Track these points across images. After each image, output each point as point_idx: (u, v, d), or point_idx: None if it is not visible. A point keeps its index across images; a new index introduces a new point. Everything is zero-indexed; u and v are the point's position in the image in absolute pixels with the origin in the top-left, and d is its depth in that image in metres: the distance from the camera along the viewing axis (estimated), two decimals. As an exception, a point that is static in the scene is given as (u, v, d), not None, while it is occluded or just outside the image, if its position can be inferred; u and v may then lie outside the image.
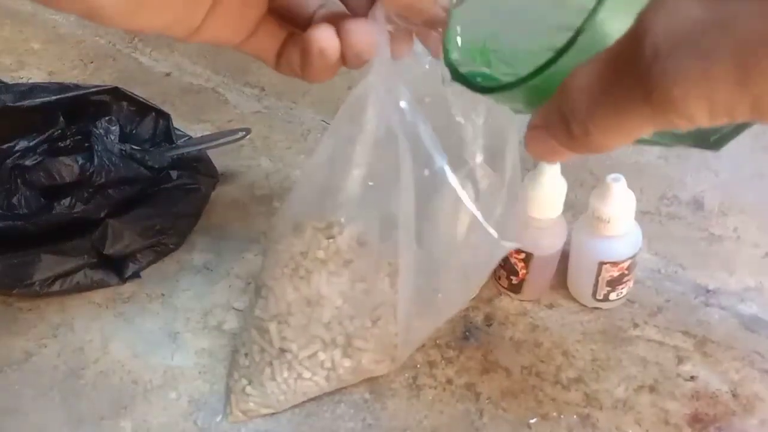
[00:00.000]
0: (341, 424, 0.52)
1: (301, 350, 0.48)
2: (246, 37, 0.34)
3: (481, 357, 0.55)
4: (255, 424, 0.52)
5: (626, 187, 0.51)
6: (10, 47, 0.91)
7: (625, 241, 0.53)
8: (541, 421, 0.51)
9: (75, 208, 0.59)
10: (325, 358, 0.48)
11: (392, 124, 0.39)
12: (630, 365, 0.54)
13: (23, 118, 0.63)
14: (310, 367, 0.49)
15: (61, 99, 0.64)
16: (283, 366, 0.49)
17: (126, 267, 0.62)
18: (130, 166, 0.62)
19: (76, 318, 0.60)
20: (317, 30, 0.32)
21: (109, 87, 0.67)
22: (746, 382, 0.52)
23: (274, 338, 0.48)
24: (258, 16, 0.34)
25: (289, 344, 0.48)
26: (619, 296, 0.57)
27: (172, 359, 0.56)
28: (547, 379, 0.53)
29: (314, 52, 0.32)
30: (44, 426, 0.53)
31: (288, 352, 0.48)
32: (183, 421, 0.52)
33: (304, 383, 0.50)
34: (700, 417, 0.51)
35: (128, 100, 0.68)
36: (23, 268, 0.58)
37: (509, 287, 0.58)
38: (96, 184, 0.60)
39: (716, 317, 0.57)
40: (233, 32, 0.34)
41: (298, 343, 0.48)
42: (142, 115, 0.68)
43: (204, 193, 0.67)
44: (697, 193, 0.60)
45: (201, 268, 0.63)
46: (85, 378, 0.55)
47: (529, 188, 0.52)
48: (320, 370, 0.49)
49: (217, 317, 0.59)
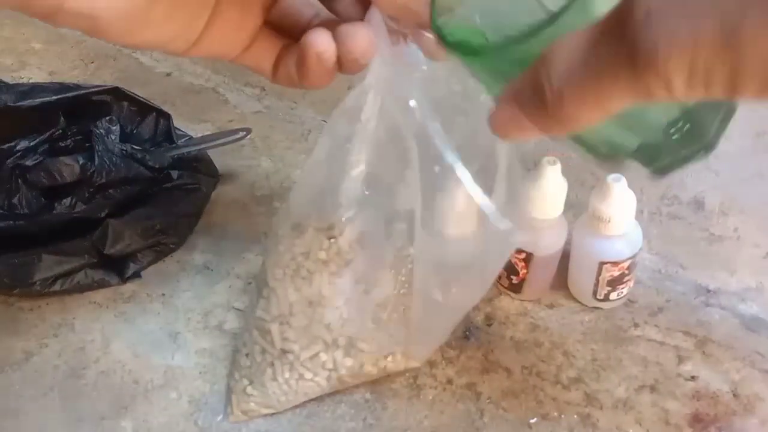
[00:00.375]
0: (342, 424, 0.52)
1: (303, 351, 0.48)
2: (242, 50, 0.35)
3: (481, 357, 0.55)
4: (256, 424, 0.52)
5: (627, 187, 0.51)
6: (11, 47, 0.91)
7: (625, 240, 0.53)
8: (541, 421, 0.51)
9: (76, 208, 0.60)
10: (327, 359, 0.48)
11: (398, 123, 0.39)
12: (630, 365, 0.54)
13: (24, 118, 0.63)
14: (311, 368, 0.49)
15: (62, 99, 0.64)
16: (285, 367, 0.49)
17: (126, 267, 0.62)
18: (130, 166, 0.62)
19: (76, 318, 0.60)
20: (313, 34, 0.33)
21: (109, 87, 0.67)
22: (747, 382, 0.52)
23: (276, 339, 0.48)
24: (254, 29, 0.34)
25: (291, 345, 0.48)
26: (619, 296, 0.57)
27: (173, 359, 0.56)
28: (548, 379, 0.53)
29: (311, 56, 0.33)
30: (44, 426, 0.53)
31: (290, 353, 0.48)
32: (183, 421, 0.52)
33: (305, 384, 0.50)
34: (700, 417, 0.51)
35: (129, 100, 0.68)
36: (24, 268, 0.58)
37: (510, 287, 0.58)
38: (97, 184, 0.60)
39: (717, 317, 0.57)
40: (230, 45, 0.34)
41: (299, 343, 0.48)
42: (142, 115, 0.68)
43: (204, 193, 0.67)
44: (697, 193, 0.60)
45: (201, 268, 0.63)
46: (85, 378, 0.55)
47: (529, 188, 0.52)
48: (322, 370, 0.49)
49: (217, 317, 0.59)
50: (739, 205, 0.59)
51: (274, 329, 0.48)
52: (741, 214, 0.59)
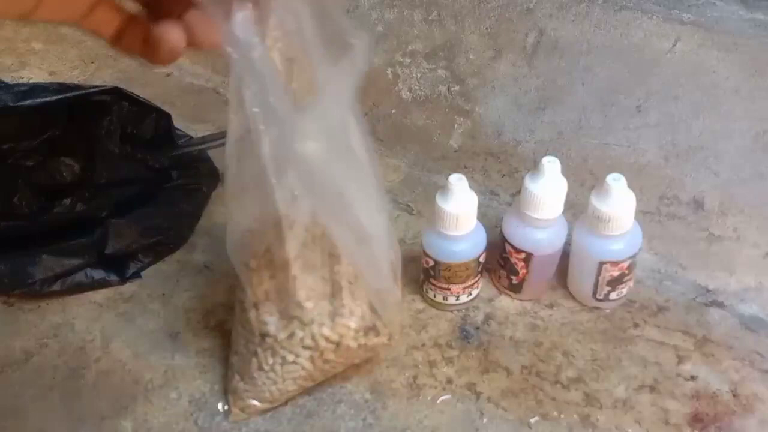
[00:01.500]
0: (342, 423, 0.52)
1: (280, 332, 0.48)
2: (82, 15, 0.35)
3: (481, 357, 0.55)
4: (255, 424, 0.52)
5: (626, 187, 0.51)
6: (11, 47, 0.91)
7: (625, 240, 0.53)
8: (541, 421, 0.51)
9: (76, 208, 0.59)
10: (304, 335, 0.48)
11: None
12: (630, 365, 0.54)
13: (24, 118, 0.63)
14: (291, 349, 0.48)
15: (62, 99, 0.64)
16: (267, 353, 0.49)
17: (127, 267, 0.62)
18: (130, 166, 0.62)
19: (76, 318, 0.60)
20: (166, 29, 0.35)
21: (109, 87, 0.67)
22: (746, 382, 0.52)
23: (254, 324, 0.48)
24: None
25: (268, 327, 0.48)
26: (619, 296, 0.57)
27: (173, 359, 0.56)
28: (548, 379, 0.53)
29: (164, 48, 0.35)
30: (44, 426, 0.53)
31: (268, 336, 0.48)
32: (183, 420, 0.52)
33: (290, 368, 0.49)
34: (700, 417, 0.51)
35: (129, 101, 0.67)
36: (24, 268, 0.58)
37: (509, 287, 0.58)
38: (97, 184, 0.60)
39: (716, 317, 0.57)
40: (69, 10, 0.35)
41: (276, 325, 0.48)
42: (142, 116, 0.68)
43: (205, 193, 0.67)
44: (697, 193, 0.60)
45: (202, 267, 0.63)
46: (85, 378, 0.55)
47: (529, 188, 0.52)
48: (302, 350, 0.48)
49: (217, 317, 0.59)
50: (739, 205, 0.59)
51: (252, 316, 0.48)
52: (741, 214, 0.59)
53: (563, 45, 0.65)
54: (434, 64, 0.71)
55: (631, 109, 0.62)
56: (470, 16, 0.69)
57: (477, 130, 0.70)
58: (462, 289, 0.56)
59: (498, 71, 0.69)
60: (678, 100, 0.60)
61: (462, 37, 0.70)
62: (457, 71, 0.71)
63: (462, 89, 0.71)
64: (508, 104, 0.69)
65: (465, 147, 0.70)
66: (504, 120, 0.69)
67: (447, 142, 0.71)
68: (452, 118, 0.71)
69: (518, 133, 0.68)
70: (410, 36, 0.72)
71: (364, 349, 0.50)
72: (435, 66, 0.71)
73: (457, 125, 0.71)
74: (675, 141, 0.61)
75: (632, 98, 0.62)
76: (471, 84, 0.70)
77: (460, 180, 0.52)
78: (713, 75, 0.59)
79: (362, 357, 0.52)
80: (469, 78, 0.70)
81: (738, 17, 0.61)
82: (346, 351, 0.49)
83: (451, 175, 0.52)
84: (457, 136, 0.71)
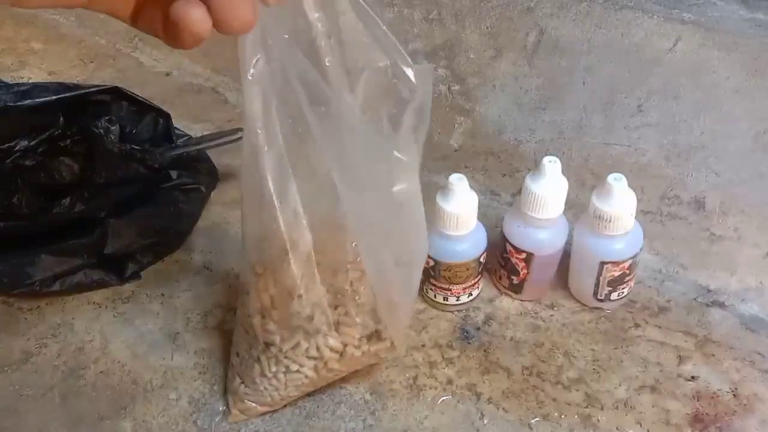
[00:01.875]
0: (342, 424, 0.51)
1: (284, 342, 0.48)
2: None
3: (481, 357, 0.55)
4: (255, 425, 0.52)
5: (627, 187, 0.51)
6: (11, 47, 0.91)
7: (626, 240, 0.53)
8: (542, 422, 0.51)
9: (75, 208, 0.59)
10: (309, 346, 0.48)
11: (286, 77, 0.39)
12: (631, 365, 0.54)
13: (24, 118, 0.63)
14: (295, 359, 0.48)
15: (62, 99, 0.64)
16: (271, 361, 0.49)
17: (126, 267, 0.62)
18: (130, 165, 0.62)
19: (76, 318, 0.60)
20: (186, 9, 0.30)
21: (109, 87, 0.67)
22: (747, 382, 0.52)
23: (258, 332, 0.48)
24: None
25: (273, 337, 0.48)
26: (620, 296, 0.56)
27: (172, 359, 0.56)
28: (548, 380, 0.53)
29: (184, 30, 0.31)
30: (44, 426, 0.53)
31: (272, 346, 0.48)
32: (183, 421, 0.52)
33: (293, 376, 0.49)
34: (700, 417, 0.51)
35: (128, 100, 0.67)
36: (23, 268, 0.58)
37: (510, 287, 0.58)
38: (96, 183, 0.60)
39: (717, 317, 0.57)
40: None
41: (281, 335, 0.48)
42: (142, 115, 0.68)
43: (204, 193, 0.67)
44: (698, 193, 0.60)
45: (201, 268, 0.63)
46: (85, 378, 0.55)
47: (530, 188, 0.52)
48: (306, 360, 0.48)
49: (217, 317, 0.59)
50: (740, 205, 0.59)
51: (256, 323, 0.48)
52: (741, 214, 0.59)
53: (564, 44, 0.64)
54: (434, 63, 0.71)
55: (632, 108, 0.62)
56: (470, 15, 0.69)
57: (477, 129, 0.70)
58: (462, 289, 0.56)
59: (498, 70, 0.68)
60: (679, 99, 0.60)
61: (462, 36, 0.70)
62: (457, 70, 0.70)
63: (462, 89, 0.71)
64: (508, 104, 0.68)
65: (465, 146, 0.70)
66: (504, 119, 0.69)
67: (447, 142, 0.71)
68: (453, 118, 0.71)
69: (519, 133, 0.68)
70: (410, 35, 0.71)
71: (368, 356, 0.50)
72: (435, 65, 0.71)
73: (457, 125, 0.71)
74: (676, 141, 0.61)
75: (633, 98, 0.62)
76: (471, 83, 0.70)
77: (461, 180, 0.52)
78: (714, 75, 0.59)
79: (365, 363, 0.52)
80: (469, 77, 0.70)
81: (738, 17, 0.60)
82: (350, 359, 0.49)
83: (451, 174, 0.52)
84: (457, 135, 0.71)
